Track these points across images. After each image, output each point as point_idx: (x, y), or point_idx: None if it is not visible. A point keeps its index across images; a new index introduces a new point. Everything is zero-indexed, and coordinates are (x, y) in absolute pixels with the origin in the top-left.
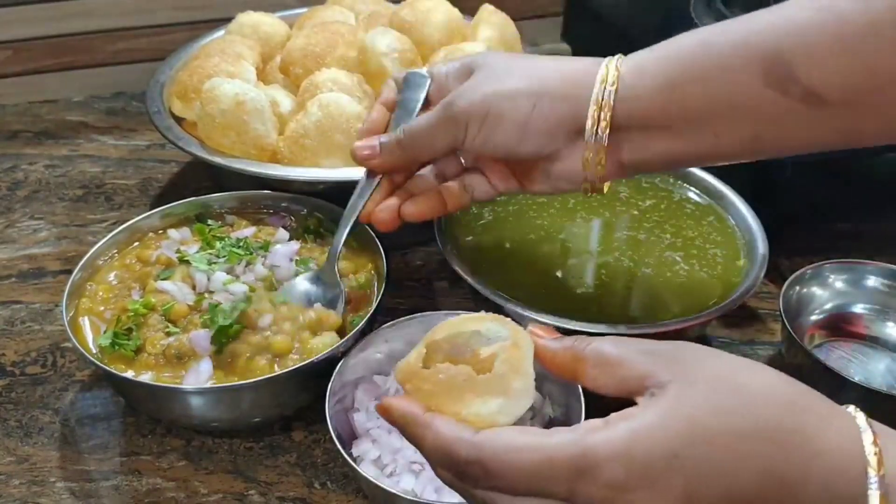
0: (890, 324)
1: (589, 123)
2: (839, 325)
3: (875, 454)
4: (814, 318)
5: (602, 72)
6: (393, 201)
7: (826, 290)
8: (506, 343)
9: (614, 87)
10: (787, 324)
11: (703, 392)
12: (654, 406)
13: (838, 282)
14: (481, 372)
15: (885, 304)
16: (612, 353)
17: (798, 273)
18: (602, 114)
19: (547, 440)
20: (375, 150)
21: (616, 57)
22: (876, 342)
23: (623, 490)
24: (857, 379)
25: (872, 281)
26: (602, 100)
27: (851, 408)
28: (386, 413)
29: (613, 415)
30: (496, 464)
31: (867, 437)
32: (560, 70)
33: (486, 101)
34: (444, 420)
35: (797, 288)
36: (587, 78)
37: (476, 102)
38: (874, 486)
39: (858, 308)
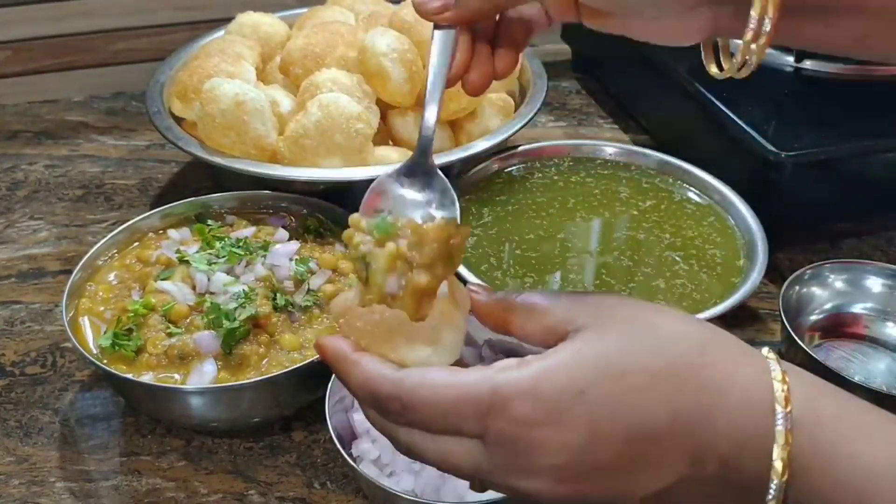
0: (890, 324)
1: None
2: (839, 325)
3: (783, 391)
4: (814, 318)
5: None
6: (483, 57)
7: (826, 290)
8: (444, 296)
9: None
10: (786, 324)
11: (616, 332)
12: (566, 346)
13: (838, 282)
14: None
15: (885, 304)
16: (539, 301)
17: (798, 273)
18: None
19: (462, 377)
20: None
21: None
22: (876, 342)
23: (530, 425)
24: (857, 379)
25: (872, 281)
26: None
27: (765, 349)
28: (320, 350)
29: (530, 356)
30: (413, 399)
31: (776, 375)
32: None
33: None
34: (371, 358)
35: (797, 288)
36: None
37: None
38: (781, 422)
39: (858, 308)
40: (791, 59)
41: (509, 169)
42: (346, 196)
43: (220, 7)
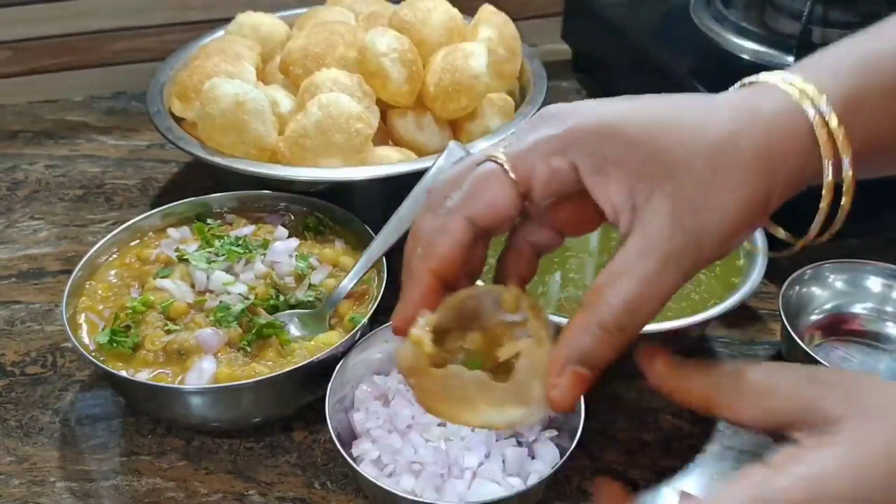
0: (890, 323)
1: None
2: (839, 326)
3: None
4: (813, 318)
5: (819, 136)
6: None
7: (826, 290)
8: (530, 341)
9: (847, 151)
10: (786, 324)
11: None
12: (832, 446)
13: (838, 282)
14: (498, 371)
15: (884, 303)
16: (755, 377)
17: (798, 273)
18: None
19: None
20: (583, 376)
21: (809, 97)
22: (876, 341)
23: None
24: None
25: (872, 281)
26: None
27: None
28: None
29: (776, 458)
30: None
31: None
32: (759, 149)
33: (728, 230)
34: None
35: (797, 288)
36: (800, 143)
37: (717, 237)
38: None
39: (858, 308)
40: (791, 59)
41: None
42: (346, 196)
43: (220, 7)
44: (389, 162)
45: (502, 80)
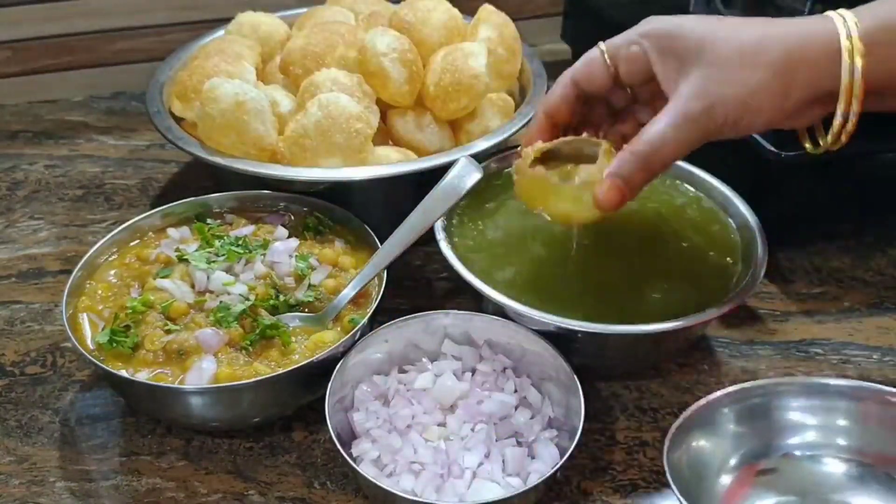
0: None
1: (839, 113)
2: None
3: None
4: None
5: (843, 44)
6: None
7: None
8: (591, 167)
9: (861, 61)
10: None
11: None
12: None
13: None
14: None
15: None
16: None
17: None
18: (853, 100)
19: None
20: (619, 186)
21: (843, 17)
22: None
23: None
24: None
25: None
26: (853, 81)
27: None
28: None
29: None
30: None
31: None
32: (786, 46)
33: (740, 105)
34: None
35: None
36: (822, 50)
37: (731, 108)
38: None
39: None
40: None
41: (509, 169)
42: (345, 196)
43: (220, 7)
44: (389, 162)
45: (502, 80)
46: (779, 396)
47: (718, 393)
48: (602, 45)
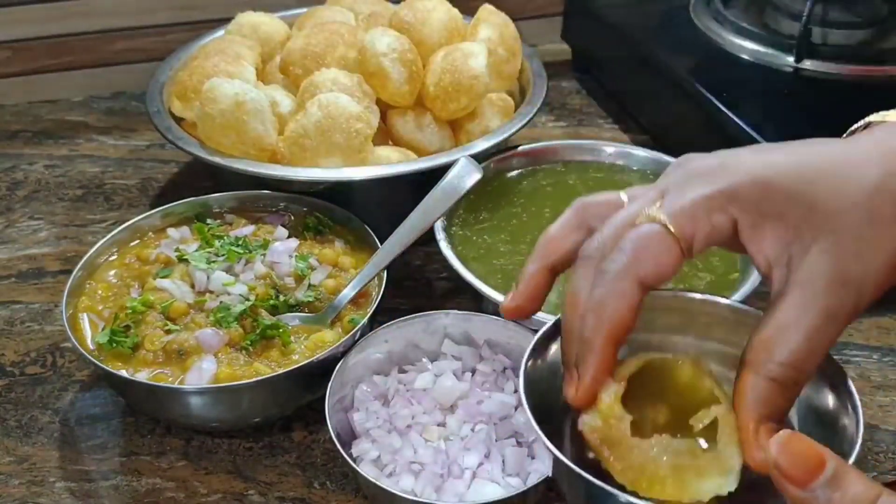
0: None
1: None
2: None
3: None
4: None
5: None
6: None
7: None
8: (723, 408)
9: None
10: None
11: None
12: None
13: None
14: (688, 434)
15: None
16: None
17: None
18: None
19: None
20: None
21: None
22: None
23: None
24: None
25: None
26: None
27: None
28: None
29: None
30: None
31: None
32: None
33: (887, 273)
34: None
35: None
36: None
37: (877, 282)
38: None
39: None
40: (791, 59)
41: (509, 170)
42: (345, 196)
43: (220, 7)
44: (389, 162)
45: (502, 80)
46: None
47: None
48: (663, 217)
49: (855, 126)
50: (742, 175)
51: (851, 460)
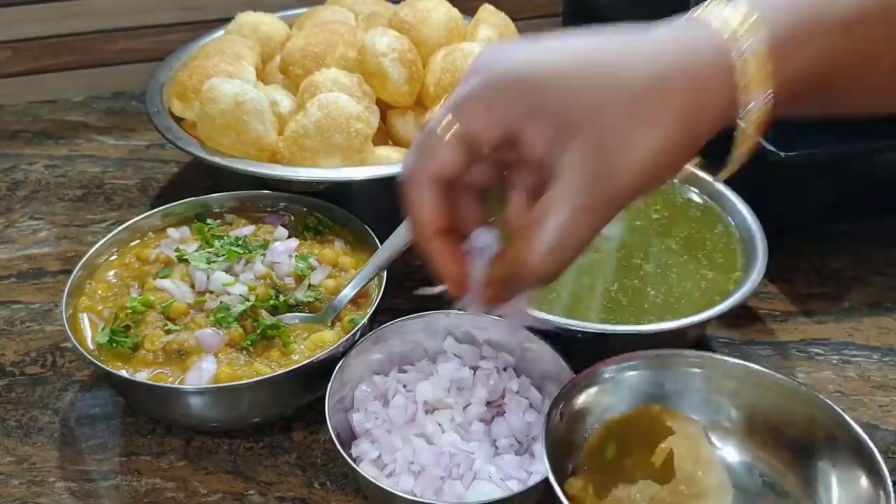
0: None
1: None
2: None
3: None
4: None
5: (741, 82)
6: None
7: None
8: (674, 436)
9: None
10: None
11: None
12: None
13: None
14: (656, 473)
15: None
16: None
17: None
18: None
19: None
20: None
21: (728, 24)
22: None
23: None
24: None
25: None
26: (752, 121)
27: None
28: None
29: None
30: None
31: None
32: (683, 85)
33: (646, 173)
34: None
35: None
36: (722, 79)
37: (634, 180)
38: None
39: None
40: None
41: None
42: (345, 196)
43: (220, 7)
44: (389, 162)
45: None
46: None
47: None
48: (443, 124)
49: (691, 11)
50: (504, 71)
51: None
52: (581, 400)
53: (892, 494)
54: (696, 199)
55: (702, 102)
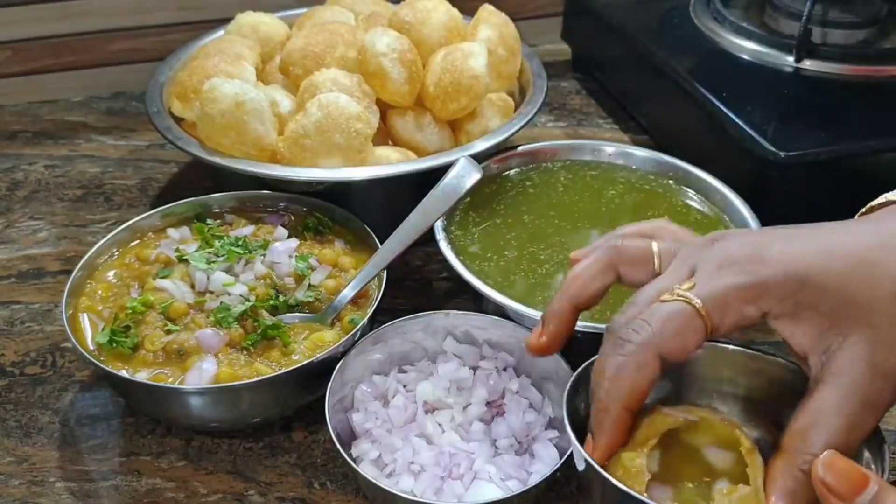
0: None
1: None
2: None
3: None
4: None
5: None
6: None
7: None
8: (749, 492)
9: None
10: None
11: None
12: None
13: None
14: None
15: None
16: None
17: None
18: None
19: None
20: None
21: None
22: None
23: None
24: None
25: None
26: None
27: None
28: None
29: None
30: None
31: None
32: None
33: None
34: None
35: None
36: None
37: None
38: None
39: None
40: (791, 59)
41: (509, 169)
42: (345, 196)
43: (220, 7)
44: (389, 162)
45: (502, 81)
46: None
47: None
48: (697, 301)
49: (873, 203)
50: (774, 269)
51: None
52: None
53: (888, 461)
54: (696, 199)
55: None
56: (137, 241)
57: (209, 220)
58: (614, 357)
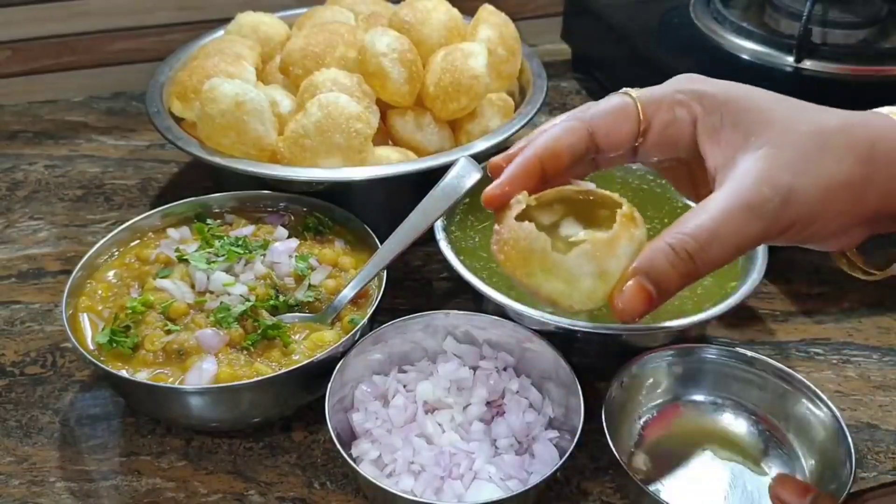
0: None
1: None
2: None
3: None
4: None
5: None
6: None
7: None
8: (601, 237)
9: None
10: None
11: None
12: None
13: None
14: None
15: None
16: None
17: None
18: None
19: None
20: (648, 291)
21: None
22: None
23: None
24: None
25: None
26: None
27: None
28: None
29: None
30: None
31: None
32: (871, 134)
33: (818, 201)
34: None
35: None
36: None
37: (807, 204)
38: None
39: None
40: (791, 59)
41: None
42: (345, 196)
43: (220, 7)
44: (389, 162)
45: (502, 80)
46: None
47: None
48: (633, 93)
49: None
50: (713, 87)
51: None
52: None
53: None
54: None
55: (881, 159)
56: (137, 241)
57: (209, 220)
58: (551, 123)
